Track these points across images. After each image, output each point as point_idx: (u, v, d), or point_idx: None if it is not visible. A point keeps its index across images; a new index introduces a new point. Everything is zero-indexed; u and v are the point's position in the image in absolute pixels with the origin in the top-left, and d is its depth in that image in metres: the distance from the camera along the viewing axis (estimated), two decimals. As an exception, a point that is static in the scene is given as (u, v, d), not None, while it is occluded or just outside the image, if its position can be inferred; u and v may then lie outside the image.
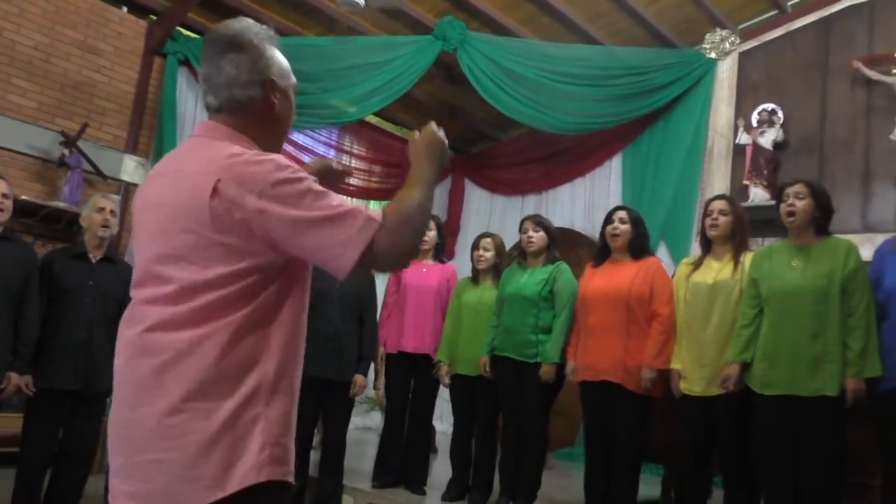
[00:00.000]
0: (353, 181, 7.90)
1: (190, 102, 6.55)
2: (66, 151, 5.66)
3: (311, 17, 6.77)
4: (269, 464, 1.29)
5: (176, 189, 1.37)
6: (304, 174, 1.35)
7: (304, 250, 1.34)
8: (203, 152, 1.40)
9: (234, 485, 1.25)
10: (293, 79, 1.56)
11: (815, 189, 3.28)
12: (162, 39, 6.31)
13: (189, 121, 6.52)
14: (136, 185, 6.28)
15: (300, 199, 1.31)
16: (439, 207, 8.61)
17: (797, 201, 3.23)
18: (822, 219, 3.27)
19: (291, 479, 1.35)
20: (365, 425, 7.09)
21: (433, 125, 1.55)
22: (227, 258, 1.31)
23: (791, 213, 3.23)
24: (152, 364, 1.30)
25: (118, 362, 1.39)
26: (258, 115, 1.47)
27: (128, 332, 1.37)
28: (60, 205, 5.57)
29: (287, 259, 1.37)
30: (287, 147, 7.05)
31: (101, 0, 6.12)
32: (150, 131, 6.38)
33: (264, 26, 1.53)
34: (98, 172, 5.89)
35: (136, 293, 1.41)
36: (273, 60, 1.50)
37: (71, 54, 5.94)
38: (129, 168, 6.25)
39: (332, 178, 1.84)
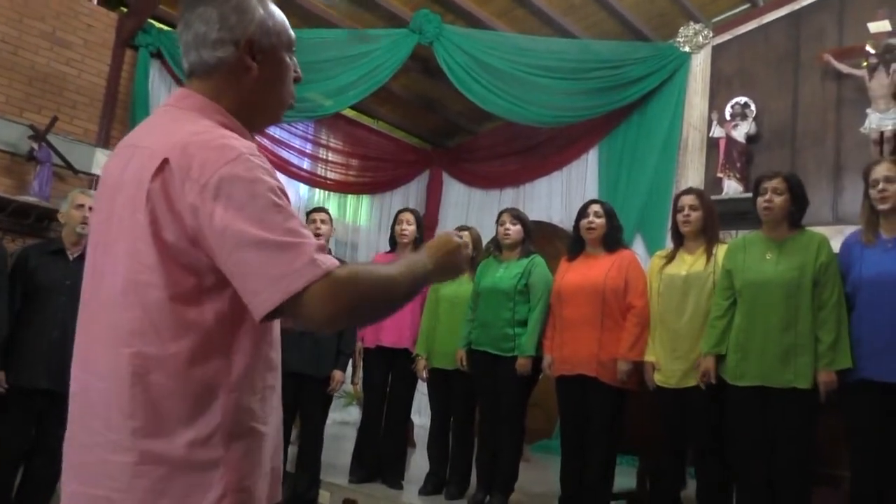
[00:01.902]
0: (329, 175, 7.86)
1: (163, 95, 6.44)
2: (35, 145, 5.56)
3: (285, 9, 6.67)
4: None
5: (125, 166, 1.21)
6: (268, 178, 1.13)
7: (226, 269, 1.11)
8: (165, 125, 1.22)
9: None
10: (289, 36, 1.33)
11: (792, 183, 3.32)
12: (133, 32, 6.22)
13: (162, 114, 6.44)
14: (108, 180, 6.20)
15: (245, 206, 1.09)
16: (417, 200, 8.60)
17: (775, 196, 3.27)
18: (797, 213, 3.31)
19: None
20: (343, 420, 7.08)
21: (462, 238, 1.33)
22: (157, 251, 1.13)
23: (768, 208, 3.26)
24: (106, 387, 1.16)
25: (78, 375, 1.24)
26: (232, 80, 1.26)
27: (93, 348, 1.21)
28: (30, 199, 5.48)
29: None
30: (263, 140, 7.00)
31: (69, -8, 6.01)
32: (122, 125, 6.28)
33: None
34: (69, 166, 5.80)
35: (93, 287, 1.25)
36: (255, 14, 1.26)
37: (40, 47, 5.83)
38: (101, 162, 6.14)
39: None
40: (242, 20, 1.26)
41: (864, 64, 5.76)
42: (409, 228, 4.53)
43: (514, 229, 4.16)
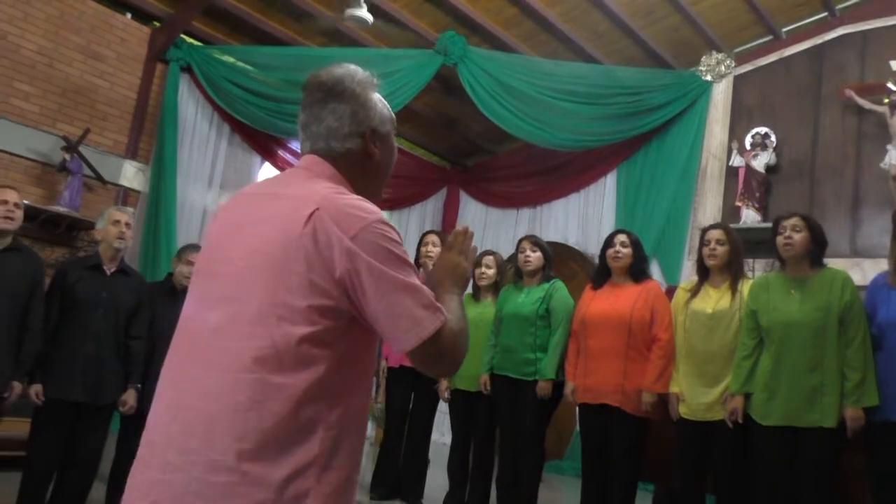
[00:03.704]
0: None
1: (191, 109, 6.58)
2: (67, 156, 5.67)
3: (313, 27, 6.83)
4: None
5: (270, 209, 1.31)
6: (398, 238, 1.29)
7: (376, 310, 1.24)
8: (305, 182, 1.34)
9: None
10: (393, 120, 1.50)
11: (810, 222, 3.39)
12: (165, 46, 6.34)
13: (189, 127, 6.56)
14: (135, 191, 6.31)
15: (390, 259, 1.24)
16: (434, 218, 8.69)
17: (794, 234, 3.33)
18: (816, 250, 3.37)
19: None
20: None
21: (456, 251, 1.46)
22: (299, 290, 1.22)
23: (789, 245, 3.32)
24: (215, 409, 1.20)
25: (173, 395, 1.28)
26: (357, 163, 1.41)
27: (201, 371, 1.25)
28: (60, 209, 5.59)
29: (353, 316, 1.27)
30: (286, 156, 7.10)
31: (105, 6, 6.14)
32: (151, 137, 6.41)
33: (367, 73, 1.45)
34: (98, 178, 5.91)
35: (201, 311, 1.31)
36: (375, 109, 1.43)
37: (74, 59, 5.96)
38: (129, 174, 6.27)
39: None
40: (368, 115, 1.42)
41: (886, 101, 5.84)
42: (434, 250, 4.60)
43: (535, 256, 4.23)
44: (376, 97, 1.44)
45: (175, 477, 1.19)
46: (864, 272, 5.55)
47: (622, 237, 3.98)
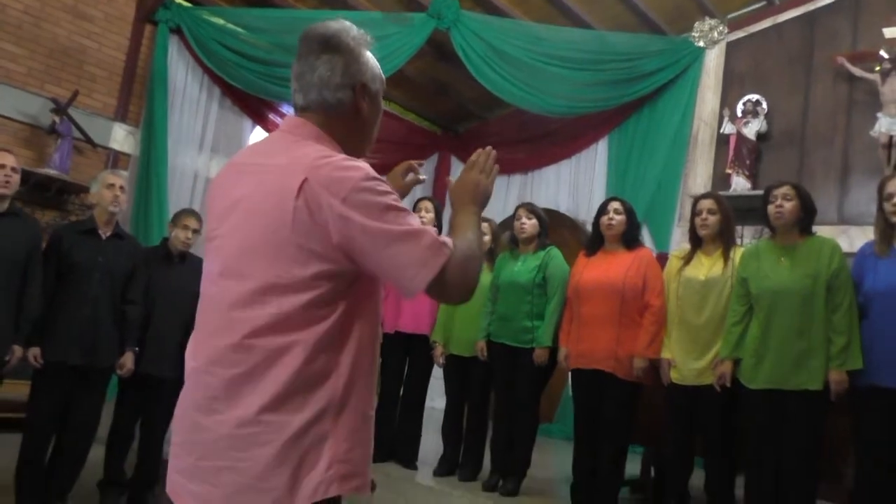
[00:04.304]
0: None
1: (181, 71, 6.51)
2: (56, 118, 5.61)
3: (305, -11, 6.74)
4: (337, 480, 1.30)
5: (260, 183, 1.36)
6: (388, 188, 1.34)
7: (379, 265, 1.31)
8: (290, 149, 1.38)
9: (301, 500, 1.27)
10: (384, 81, 1.54)
11: (800, 191, 3.45)
12: (153, 7, 6.25)
13: (180, 90, 6.49)
14: (126, 154, 6.26)
15: (384, 212, 1.29)
16: (425, 184, 8.67)
17: (785, 202, 3.39)
18: (806, 219, 3.43)
19: (364, 487, 1.36)
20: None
21: (477, 170, 1.53)
22: (301, 260, 1.30)
23: (780, 214, 3.38)
24: (232, 373, 1.31)
25: (194, 365, 1.39)
26: (345, 117, 1.46)
27: (215, 340, 1.35)
28: (51, 172, 5.54)
29: (357, 272, 1.34)
30: (277, 120, 7.05)
31: (92, -36, 6.02)
32: (141, 100, 6.34)
33: (361, 30, 1.50)
34: (88, 140, 5.86)
35: (210, 287, 1.41)
36: (367, 65, 1.48)
37: (61, 19, 5.86)
38: (119, 136, 6.21)
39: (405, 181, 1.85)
40: (360, 68, 1.47)
41: (878, 68, 5.87)
42: (427, 216, 4.63)
43: (530, 224, 4.26)
44: (369, 55, 1.50)
45: (207, 436, 1.32)
46: (851, 239, 5.63)
47: (616, 204, 4.01)
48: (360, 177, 1.31)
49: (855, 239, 5.68)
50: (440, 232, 4.67)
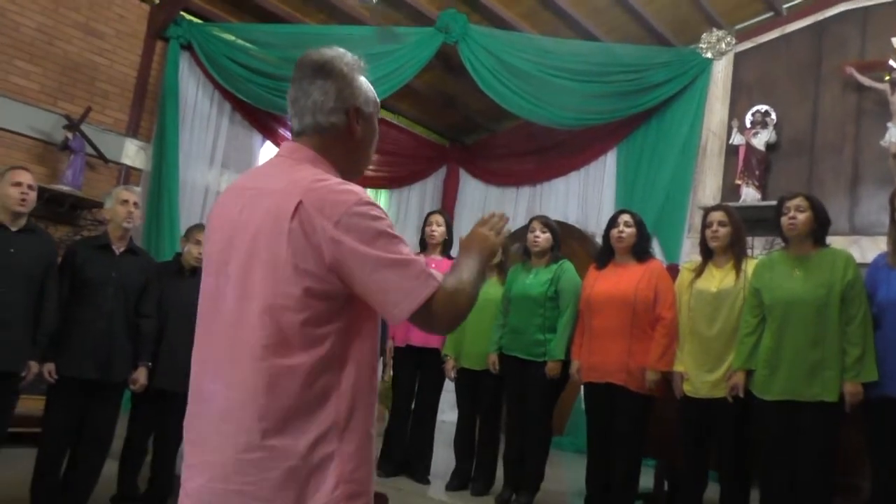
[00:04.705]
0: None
1: (191, 87, 6.56)
2: (69, 135, 5.66)
3: (313, 4, 6.79)
4: (343, 500, 1.32)
5: (256, 207, 1.40)
6: (382, 213, 1.37)
7: (366, 289, 1.34)
8: (286, 173, 1.42)
9: None
10: (378, 103, 1.58)
11: (814, 202, 3.44)
12: (165, 23, 6.31)
13: (191, 105, 6.54)
14: (137, 170, 6.31)
15: (375, 238, 1.32)
16: (434, 196, 8.71)
17: (798, 214, 3.38)
18: (819, 230, 3.43)
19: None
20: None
21: (488, 227, 1.51)
22: (297, 280, 1.32)
23: (793, 225, 3.38)
24: (233, 397, 1.34)
25: (204, 383, 1.41)
26: (339, 140, 1.50)
27: (225, 362, 1.38)
28: (64, 188, 5.58)
29: (351, 293, 1.36)
30: (287, 134, 7.09)
31: (103, -18, 6.09)
32: (152, 115, 6.39)
33: (355, 56, 1.54)
34: (100, 156, 5.90)
35: (222, 312, 1.41)
36: (361, 89, 1.52)
37: (73, 37, 5.92)
38: (131, 152, 6.26)
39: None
40: (353, 92, 1.51)
41: (887, 78, 5.86)
42: (438, 230, 4.65)
43: (544, 237, 4.26)
44: (363, 79, 1.54)
45: (218, 458, 1.35)
46: (862, 250, 5.61)
47: (626, 217, 4.01)
48: (354, 201, 1.34)
49: (866, 249, 5.67)
50: (450, 245, 4.71)
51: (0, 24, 5.51)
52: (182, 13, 6.41)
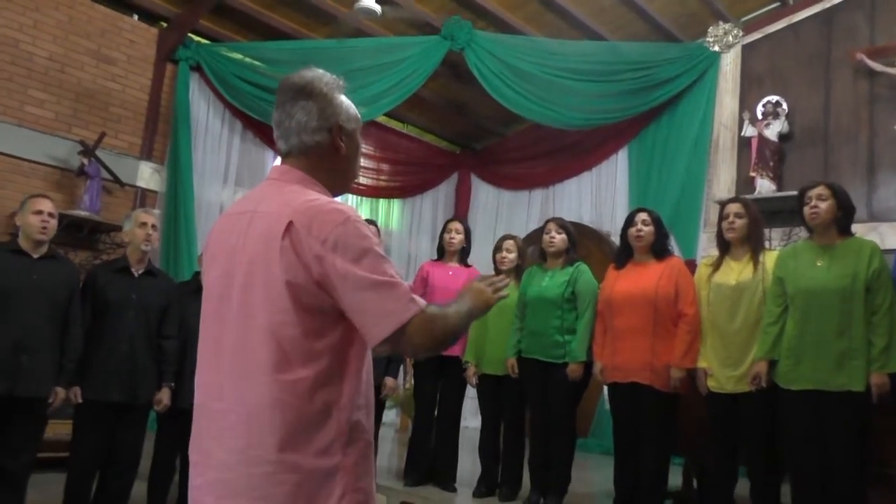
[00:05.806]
0: (361, 180, 7.98)
1: (202, 108, 6.63)
2: (84, 160, 5.73)
3: (318, 19, 6.84)
4: None
5: (251, 231, 1.46)
6: (369, 233, 1.41)
7: (349, 306, 1.37)
8: (278, 195, 1.48)
9: None
10: (359, 119, 1.63)
11: (835, 189, 3.40)
12: (174, 46, 6.38)
13: (202, 125, 6.60)
14: (152, 192, 6.37)
15: (360, 257, 1.36)
16: (446, 203, 8.72)
17: (820, 203, 3.35)
18: (843, 219, 3.38)
19: None
20: (382, 422, 7.21)
21: (488, 283, 1.55)
22: (291, 297, 1.37)
23: (815, 214, 3.34)
24: (242, 413, 1.38)
25: (219, 406, 1.43)
26: (325, 157, 1.55)
27: (231, 380, 1.42)
28: (82, 213, 5.65)
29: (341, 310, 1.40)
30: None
31: (112, 9, 6.16)
32: (165, 138, 6.46)
33: (334, 76, 1.59)
34: (116, 180, 5.97)
35: (225, 333, 1.45)
36: (341, 107, 1.57)
37: (85, 64, 6.00)
38: (146, 175, 6.33)
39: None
40: (335, 110, 1.56)
41: (898, 62, 5.80)
42: (458, 237, 4.66)
43: (559, 238, 4.26)
44: (343, 97, 1.59)
45: (229, 475, 1.39)
46: (881, 236, 5.57)
47: (643, 215, 3.99)
48: (342, 220, 1.39)
49: (885, 235, 5.62)
50: (468, 253, 4.70)
51: (13, 55, 5.59)
52: (190, 35, 6.48)
